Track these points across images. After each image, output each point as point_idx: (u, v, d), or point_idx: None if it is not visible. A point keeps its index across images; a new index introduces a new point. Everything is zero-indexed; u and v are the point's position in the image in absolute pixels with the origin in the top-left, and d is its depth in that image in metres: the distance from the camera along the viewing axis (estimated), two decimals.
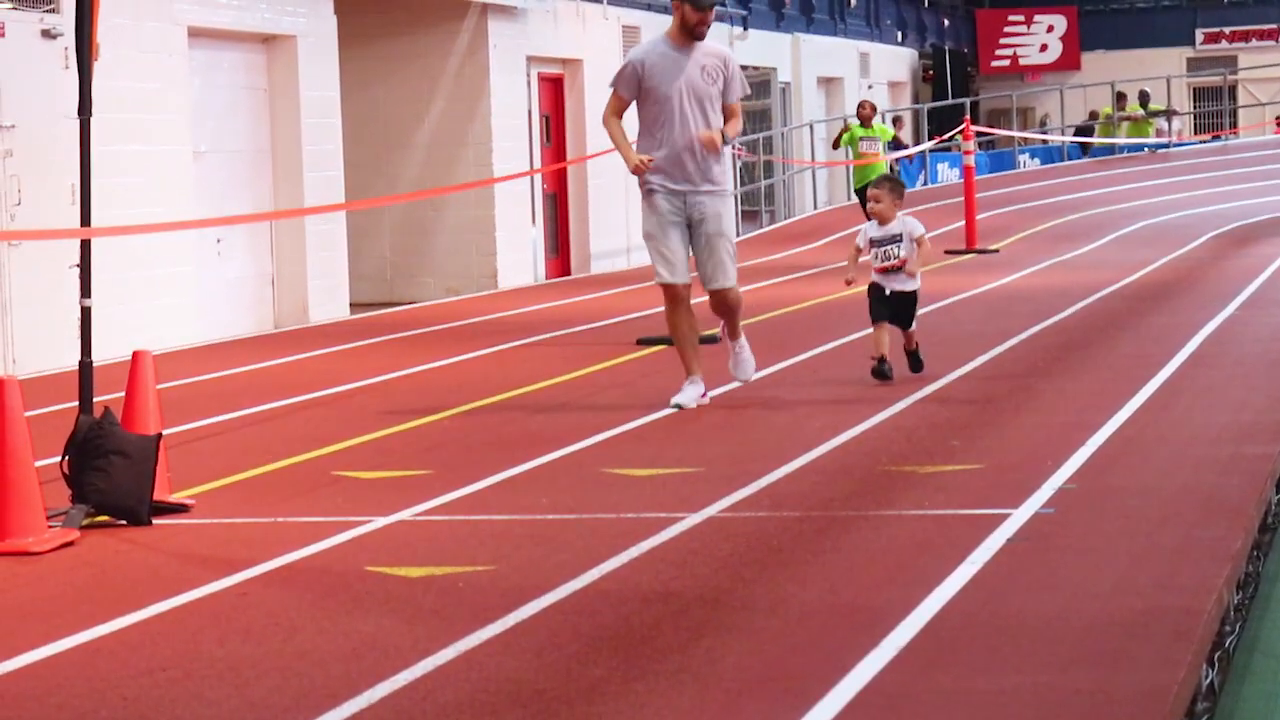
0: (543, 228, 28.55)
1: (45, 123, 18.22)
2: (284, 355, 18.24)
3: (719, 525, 9.24)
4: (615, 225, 29.81)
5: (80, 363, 10.52)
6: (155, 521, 9.80)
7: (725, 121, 12.25)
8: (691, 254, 12.35)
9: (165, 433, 10.34)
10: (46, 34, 18.89)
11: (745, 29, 36.60)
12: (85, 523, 9.61)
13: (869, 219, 13.60)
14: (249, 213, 23.03)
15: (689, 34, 12.12)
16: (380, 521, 9.52)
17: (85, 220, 10.93)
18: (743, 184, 34.85)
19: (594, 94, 28.81)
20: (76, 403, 10.55)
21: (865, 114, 25.15)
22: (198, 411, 13.78)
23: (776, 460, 10.83)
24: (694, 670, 6.06)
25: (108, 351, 13.11)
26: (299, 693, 6.25)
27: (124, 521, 9.80)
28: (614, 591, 7.17)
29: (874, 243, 12.94)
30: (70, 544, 9.35)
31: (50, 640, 7.44)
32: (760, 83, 37.01)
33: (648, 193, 12.12)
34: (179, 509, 10.24)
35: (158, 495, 9.89)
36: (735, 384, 14.24)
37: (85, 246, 10.94)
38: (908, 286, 13.04)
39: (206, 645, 7.22)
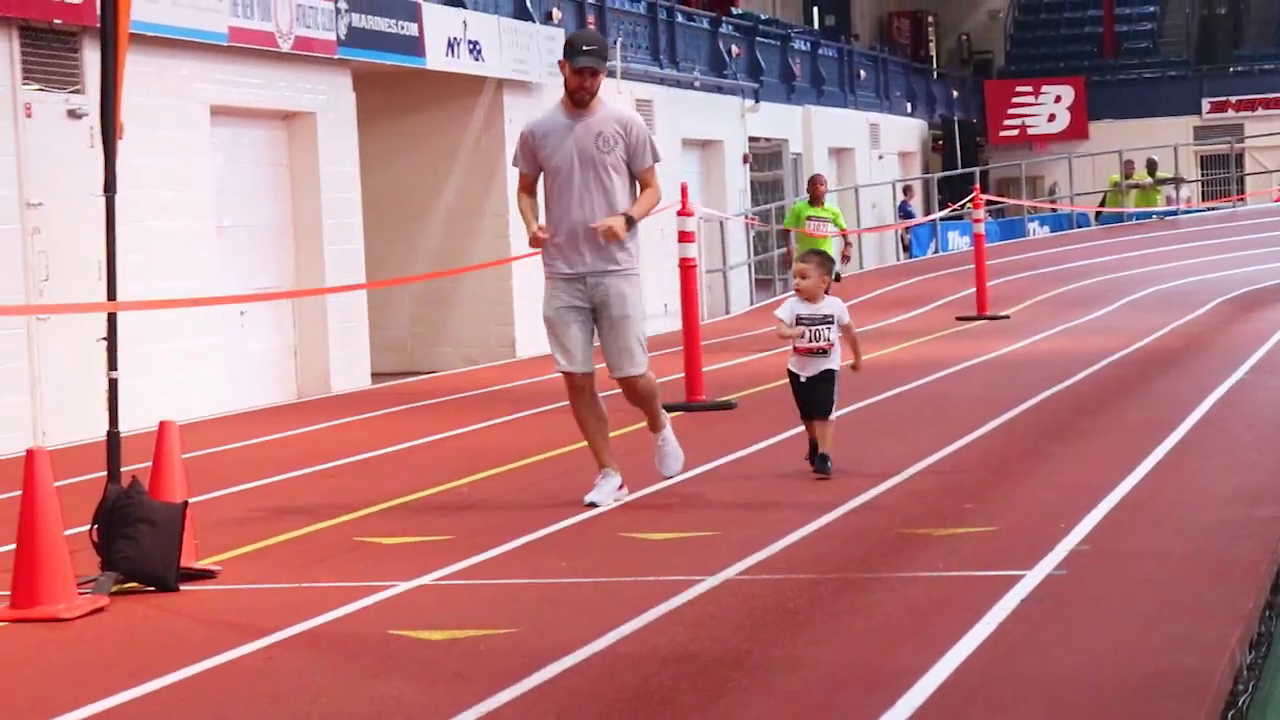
0: None
1: (72, 200, 18.48)
2: (306, 425, 18.38)
3: (736, 588, 9.28)
4: None
5: (108, 433, 10.61)
6: (182, 588, 9.91)
7: (640, 191, 11.10)
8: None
9: (191, 501, 10.46)
10: (72, 114, 19.23)
11: (757, 101, 37.48)
12: (114, 589, 9.74)
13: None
14: (272, 285, 23.51)
15: (573, 99, 10.94)
16: (403, 586, 9.61)
17: (111, 295, 11.05)
18: (756, 253, 35.35)
19: None
20: (105, 472, 10.58)
21: (818, 191, 22.63)
22: (223, 480, 13.90)
23: (792, 525, 10.87)
24: None
25: (135, 422, 13.01)
26: None
27: (152, 588, 9.92)
28: (633, 653, 7.18)
29: (801, 321, 11.70)
30: (99, 610, 9.44)
31: (80, 705, 7.55)
32: (772, 154, 38.10)
33: (547, 275, 11.09)
34: (205, 575, 10.38)
35: (184, 562, 10.00)
36: (750, 450, 14.30)
37: (112, 320, 11.02)
38: (825, 366, 11.75)
39: (233, 710, 7.37)
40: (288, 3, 22.79)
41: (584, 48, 10.72)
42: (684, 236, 19.23)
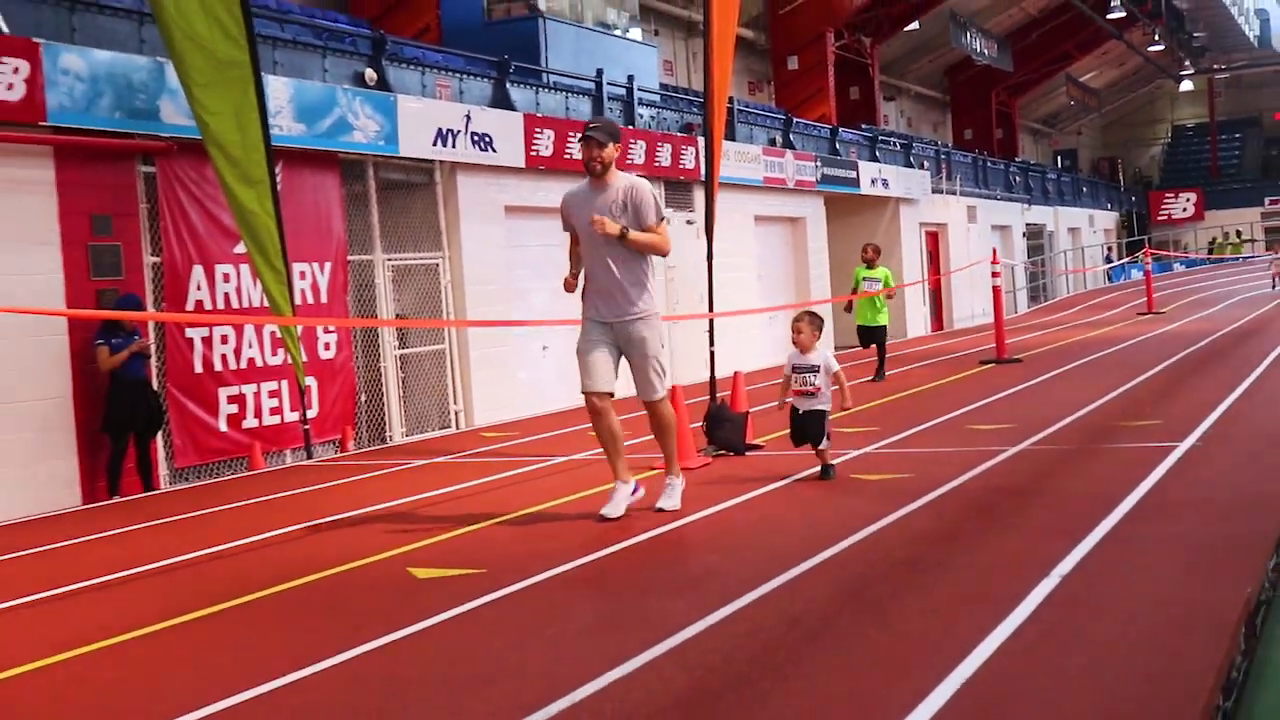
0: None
1: (687, 266, 21.76)
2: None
3: (1029, 455, 11.37)
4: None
5: (709, 378, 13.43)
6: (747, 454, 12.25)
7: None
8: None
9: (750, 410, 12.81)
10: (689, 223, 23.20)
11: (1029, 205, 46.84)
12: (714, 454, 12.36)
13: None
14: (789, 301, 26.68)
15: (587, 169, 9.90)
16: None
17: (711, 307, 13.95)
18: (1030, 282, 46.69)
19: (954, 242, 36.42)
20: (707, 396, 13.36)
21: (868, 257, 20.18)
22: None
23: (1056, 417, 12.85)
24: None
25: (721, 371, 14.28)
26: None
27: (732, 454, 12.38)
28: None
29: (795, 369, 10.89)
30: (708, 464, 11.97)
31: (704, 507, 10.43)
32: (1035, 232, 48.27)
33: (583, 316, 9.98)
34: (757, 448, 12.66)
35: (748, 440, 12.54)
36: (1029, 383, 16.64)
37: (711, 325, 13.98)
38: (816, 406, 10.81)
39: (773, 512, 10.43)
40: (791, 164, 27.45)
41: (590, 125, 9.88)
42: (995, 275, 23.01)
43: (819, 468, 10.96)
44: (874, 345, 20.24)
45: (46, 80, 12.45)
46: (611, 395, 9.85)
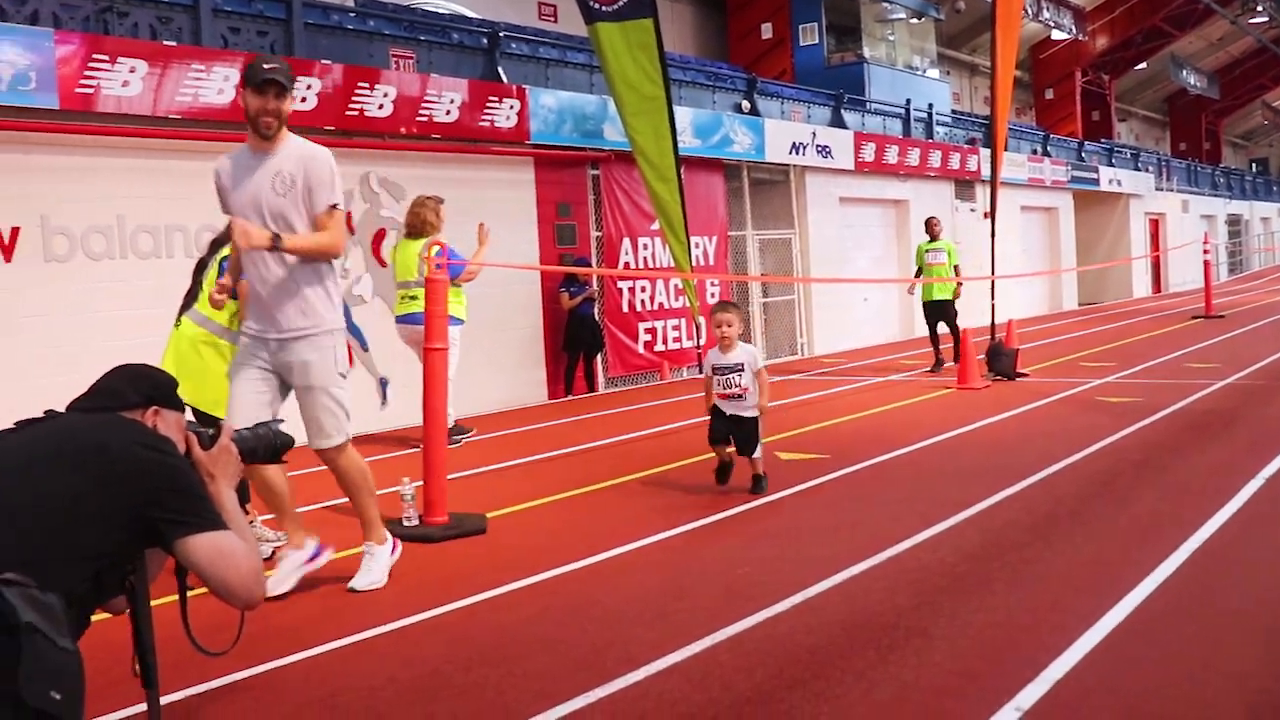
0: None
1: (974, 244, 20.49)
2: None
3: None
4: None
5: (990, 323, 13.23)
6: (1018, 380, 11.88)
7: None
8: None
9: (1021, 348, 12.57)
10: (971, 210, 22.07)
11: (1230, 200, 41.97)
12: (993, 379, 12.14)
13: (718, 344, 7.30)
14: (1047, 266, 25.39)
15: (256, 131, 5.16)
16: None
17: (992, 270, 13.73)
18: (1230, 257, 40.68)
19: (1171, 227, 33.09)
20: (989, 336, 13.07)
21: (934, 230, 14.04)
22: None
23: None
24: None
25: (1001, 318, 13.77)
26: None
27: (1007, 379, 12.09)
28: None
29: (716, 370, 7.19)
30: (988, 387, 11.66)
31: (985, 416, 9.95)
32: (1234, 220, 41.92)
33: (241, 334, 5.43)
34: (1024, 376, 12.31)
35: (1018, 369, 12.33)
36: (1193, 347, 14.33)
37: (992, 286, 13.76)
38: (746, 413, 7.15)
39: (1032, 425, 10.22)
40: (1048, 169, 25.75)
41: (265, 65, 5.06)
42: (1205, 252, 21.73)
43: (751, 478, 7.17)
44: (939, 323, 14.00)
45: (530, 113, 12.82)
46: None
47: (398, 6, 14.19)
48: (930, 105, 23.17)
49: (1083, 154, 30.74)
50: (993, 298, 13.44)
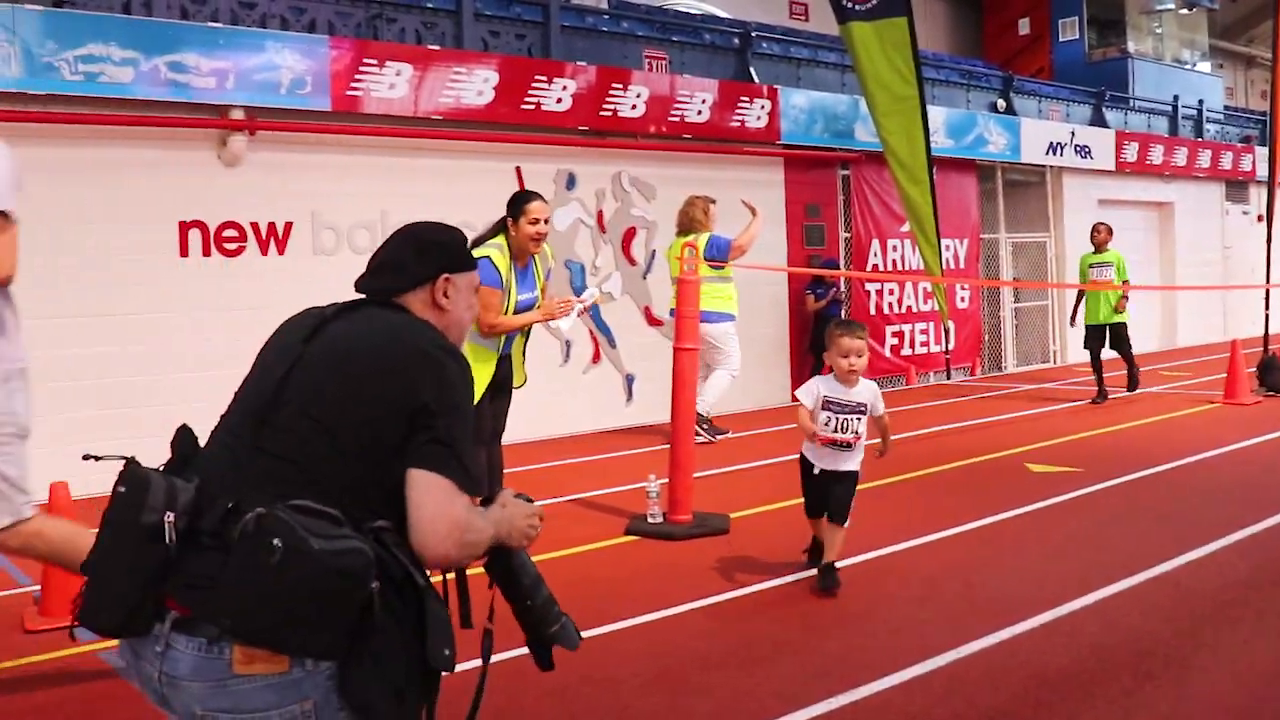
0: None
1: (1247, 249, 19.80)
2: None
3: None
4: None
5: (1264, 334, 12.55)
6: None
7: None
8: None
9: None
10: (1244, 214, 20.84)
11: None
12: (1265, 394, 11.41)
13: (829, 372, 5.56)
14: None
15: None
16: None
17: (1268, 279, 13.02)
18: None
19: None
20: (1261, 349, 12.73)
21: (1099, 239, 12.06)
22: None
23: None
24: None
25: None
26: None
27: (1275, 394, 11.46)
28: None
29: (829, 405, 5.34)
30: (1258, 403, 11.03)
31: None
32: None
33: None
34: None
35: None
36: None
37: (1267, 294, 13.00)
38: (847, 466, 5.35)
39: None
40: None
41: None
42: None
43: (820, 568, 5.35)
44: (1102, 348, 12.03)
45: (781, 113, 12.82)
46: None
47: (650, 8, 14.43)
48: (1200, 101, 22.07)
49: None
50: (1267, 307, 12.78)
